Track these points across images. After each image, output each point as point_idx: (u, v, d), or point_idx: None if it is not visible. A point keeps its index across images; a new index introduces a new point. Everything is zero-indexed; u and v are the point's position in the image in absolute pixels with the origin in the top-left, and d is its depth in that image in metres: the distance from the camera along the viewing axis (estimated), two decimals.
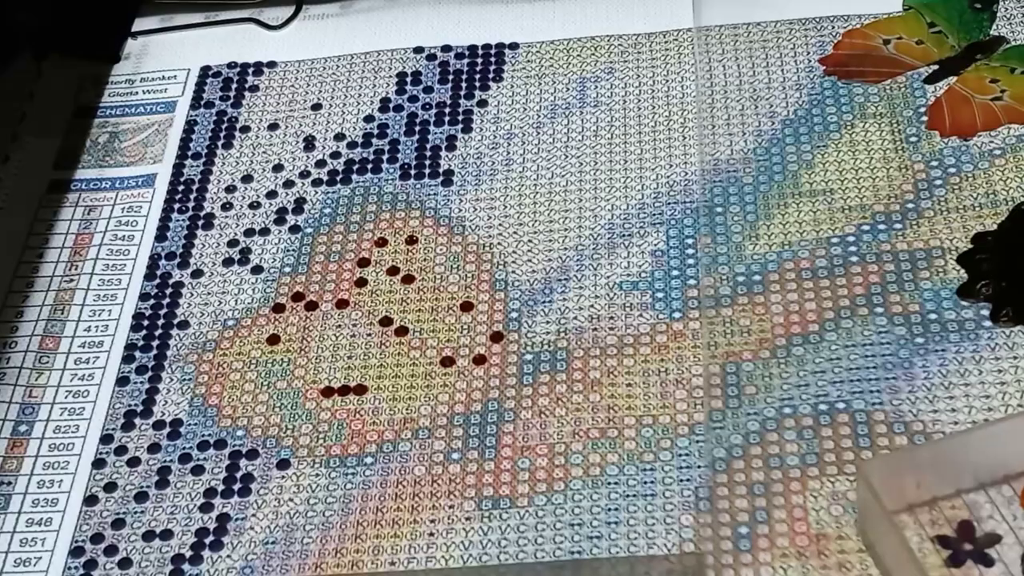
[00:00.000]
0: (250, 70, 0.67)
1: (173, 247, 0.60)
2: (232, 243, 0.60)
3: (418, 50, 0.66)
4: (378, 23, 0.68)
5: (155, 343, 0.57)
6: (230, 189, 0.62)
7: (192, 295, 0.59)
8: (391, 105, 0.64)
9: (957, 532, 0.47)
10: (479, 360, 0.55)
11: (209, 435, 0.54)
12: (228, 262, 0.60)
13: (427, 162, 0.62)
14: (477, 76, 0.65)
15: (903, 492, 0.47)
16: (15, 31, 0.68)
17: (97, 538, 0.52)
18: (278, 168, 0.63)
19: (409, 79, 0.65)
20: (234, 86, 0.66)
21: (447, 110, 0.64)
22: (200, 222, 0.61)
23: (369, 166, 0.62)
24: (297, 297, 0.58)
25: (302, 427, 0.54)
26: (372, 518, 0.51)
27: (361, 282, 0.58)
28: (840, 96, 0.61)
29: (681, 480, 0.50)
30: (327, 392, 0.54)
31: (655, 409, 0.52)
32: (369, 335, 0.56)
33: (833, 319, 0.53)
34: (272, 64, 0.67)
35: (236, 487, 0.52)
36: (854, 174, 0.58)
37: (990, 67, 0.61)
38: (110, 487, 0.53)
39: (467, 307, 0.56)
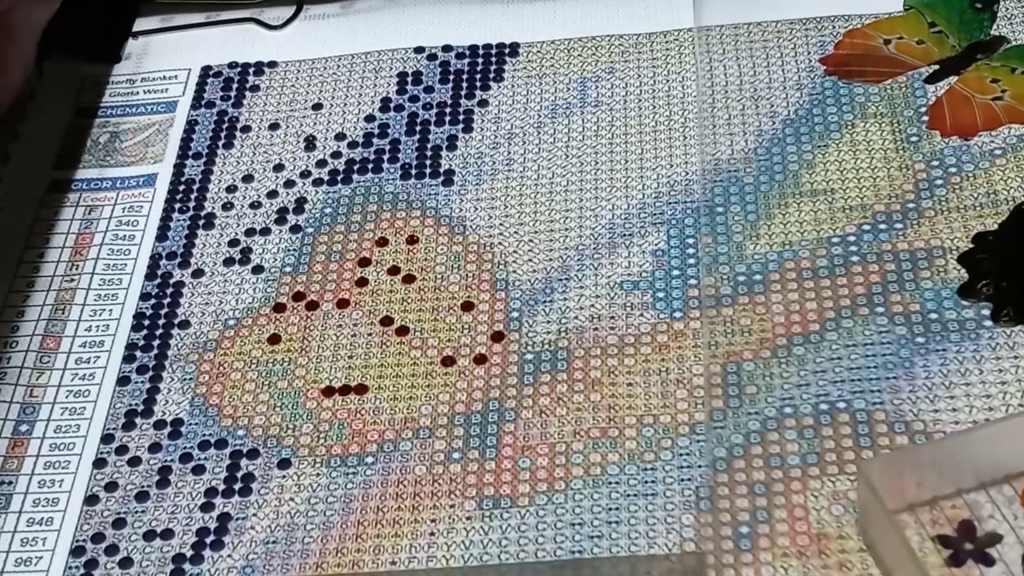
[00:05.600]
0: (251, 70, 0.67)
1: (174, 247, 0.60)
2: (233, 243, 0.60)
3: (419, 50, 0.67)
4: (379, 23, 0.68)
5: (156, 343, 0.57)
6: (231, 189, 0.62)
7: (193, 295, 0.59)
8: (392, 105, 0.64)
9: (958, 532, 0.47)
10: (480, 360, 0.55)
11: (210, 435, 0.54)
12: (229, 262, 0.60)
13: (428, 162, 0.62)
14: (478, 76, 0.65)
15: (904, 492, 0.47)
16: None
17: (98, 537, 0.52)
18: (279, 168, 0.63)
19: (410, 79, 0.65)
20: (235, 86, 0.66)
21: (448, 110, 0.64)
22: (201, 222, 0.61)
23: (370, 166, 0.62)
24: (298, 297, 0.58)
25: (303, 427, 0.54)
26: (373, 518, 0.51)
27: (362, 282, 0.58)
28: (841, 96, 0.61)
29: (682, 480, 0.50)
30: (328, 392, 0.54)
31: (656, 409, 0.52)
32: (370, 335, 0.56)
33: (834, 319, 0.53)
34: (273, 64, 0.67)
35: (237, 487, 0.52)
36: (855, 174, 0.58)
37: (991, 67, 0.61)
38: (111, 487, 0.53)
39: (468, 307, 0.56)
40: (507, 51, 0.66)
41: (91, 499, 0.53)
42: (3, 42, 0.63)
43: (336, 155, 0.63)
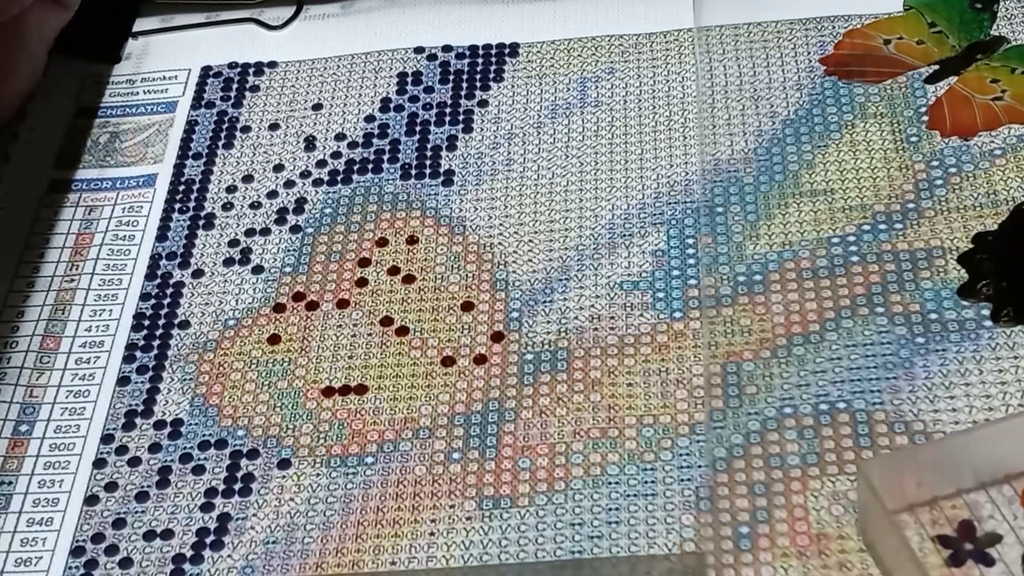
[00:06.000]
0: (251, 70, 0.67)
1: (174, 247, 0.60)
2: (233, 243, 0.60)
3: (419, 50, 0.67)
4: (379, 23, 0.68)
5: (156, 343, 0.57)
6: (231, 189, 0.62)
7: (193, 295, 0.59)
8: (392, 105, 0.64)
9: (958, 532, 0.47)
10: (480, 360, 0.55)
11: (210, 435, 0.54)
12: (229, 262, 0.60)
13: (428, 162, 0.62)
14: (478, 76, 0.65)
15: (904, 492, 0.47)
16: None
17: (98, 538, 0.52)
18: (279, 168, 0.63)
19: (410, 79, 0.65)
20: (235, 86, 0.66)
21: (448, 110, 0.64)
22: (201, 222, 0.61)
23: (370, 166, 0.62)
24: (298, 297, 0.58)
25: (303, 427, 0.54)
26: (373, 518, 0.51)
27: (362, 282, 0.58)
28: (840, 96, 0.61)
29: (682, 480, 0.50)
30: (328, 392, 0.54)
31: (656, 409, 0.52)
32: (370, 335, 0.56)
33: (834, 319, 0.53)
34: (273, 64, 0.67)
35: (237, 487, 0.52)
36: (854, 174, 0.58)
37: (991, 67, 0.61)
38: (111, 487, 0.53)
39: (468, 307, 0.56)
40: (507, 51, 0.66)
41: (91, 499, 0.53)
42: (14, 48, 0.63)
43: (336, 155, 0.63)
